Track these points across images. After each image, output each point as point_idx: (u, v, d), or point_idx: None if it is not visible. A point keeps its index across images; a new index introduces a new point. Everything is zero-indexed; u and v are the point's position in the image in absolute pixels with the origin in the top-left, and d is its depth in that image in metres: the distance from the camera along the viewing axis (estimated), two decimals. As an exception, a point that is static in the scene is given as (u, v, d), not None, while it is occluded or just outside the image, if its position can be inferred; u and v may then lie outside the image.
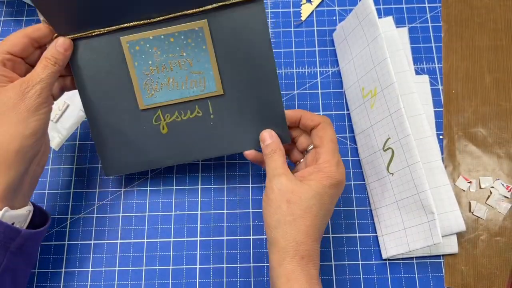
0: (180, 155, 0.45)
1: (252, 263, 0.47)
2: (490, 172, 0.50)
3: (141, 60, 0.41)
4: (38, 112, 0.37)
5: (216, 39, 0.40)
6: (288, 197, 0.37)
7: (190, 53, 0.40)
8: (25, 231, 0.37)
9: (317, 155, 0.40)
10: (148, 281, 0.47)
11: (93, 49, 0.40)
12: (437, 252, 0.47)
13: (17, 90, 0.36)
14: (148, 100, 0.42)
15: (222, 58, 0.41)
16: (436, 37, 0.55)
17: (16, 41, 0.38)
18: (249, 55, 0.41)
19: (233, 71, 0.41)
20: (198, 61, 0.41)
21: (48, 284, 0.47)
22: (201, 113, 0.43)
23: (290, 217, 0.36)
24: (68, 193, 0.50)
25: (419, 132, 0.47)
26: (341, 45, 0.53)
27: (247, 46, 0.40)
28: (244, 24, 0.40)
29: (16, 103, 0.36)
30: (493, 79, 0.53)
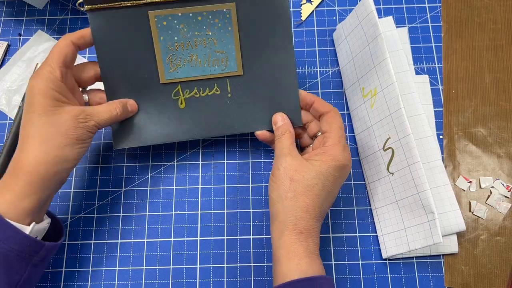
0: (195, 131, 0.46)
1: (252, 263, 0.47)
2: (490, 172, 0.50)
3: (167, 35, 0.42)
4: (84, 141, 0.39)
5: (241, 21, 0.42)
6: (291, 175, 0.39)
7: (216, 33, 0.42)
8: (48, 244, 0.38)
9: (324, 139, 0.42)
10: (148, 281, 0.47)
11: (118, 19, 0.41)
12: (437, 251, 0.47)
13: (74, 117, 0.38)
14: (169, 74, 0.43)
15: (244, 40, 0.43)
16: (436, 37, 0.55)
17: (67, 51, 0.39)
18: (270, 39, 0.43)
19: (254, 53, 0.43)
20: (222, 41, 0.42)
21: (48, 284, 0.47)
22: (219, 91, 0.45)
23: (291, 193, 0.38)
24: (68, 193, 0.50)
25: (419, 132, 0.47)
26: (341, 45, 0.53)
27: (269, 30, 0.42)
28: (268, 9, 0.42)
29: (69, 129, 0.38)
30: (493, 79, 0.53)
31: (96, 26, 0.41)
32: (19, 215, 0.35)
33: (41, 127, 0.37)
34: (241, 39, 0.43)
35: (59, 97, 0.38)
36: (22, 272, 0.36)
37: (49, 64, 0.38)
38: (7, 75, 0.55)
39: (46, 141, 0.37)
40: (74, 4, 0.58)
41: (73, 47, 0.40)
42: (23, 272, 0.36)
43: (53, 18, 0.58)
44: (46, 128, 0.37)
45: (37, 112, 0.37)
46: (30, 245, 0.36)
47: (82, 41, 0.41)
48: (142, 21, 0.41)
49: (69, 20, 0.57)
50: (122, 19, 0.41)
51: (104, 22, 0.41)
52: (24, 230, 0.35)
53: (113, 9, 0.40)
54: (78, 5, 0.40)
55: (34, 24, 0.58)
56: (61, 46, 0.39)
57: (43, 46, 0.56)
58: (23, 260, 0.36)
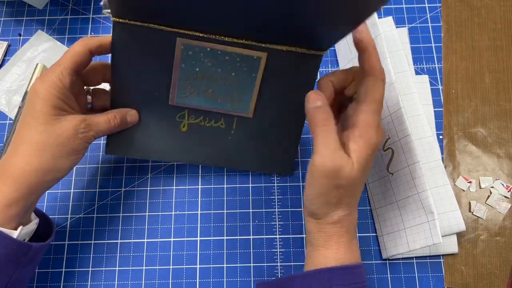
0: (190, 155, 0.46)
1: (252, 263, 0.47)
2: (490, 172, 0.50)
3: (189, 64, 0.41)
4: (79, 151, 0.39)
5: (267, 71, 0.41)
6: (337, 183, 0.34)
7: (239, 75, 0.41)
8: (36, 245, 0.38)
9: (356, 113, 0.35)
10: (148, 281, 0.47)
11: (143, 36, 0.39)
12: (437, 252, 0.47)
13: (74, 127, 0.37)
14: (181, 99, 0.43)
15: (264, 88, 0.42)
16: (436, 37, 0.55)
17: (83, 59, 0.38)
18: (288, 97, 0.43)
19: (268, 103, 0.43)
20: (243, 83, 0.42)
21: (48, 284, 0.47)
22: (223, 125, 0.45)
23: (336, 199, 0.35)
24: (68, 193, 0.50)
25: (419, 132, 0.47)
26: (341, 45, 0.53)
27: (290, 90, 0.42)
28: (297, 70, 0.41)
29: (67, 140, 0.37)
30: (493, 79, 0.53)
31: (118, 37, 0.39)
32: (5, 220, 0.35)
33: (39, 135, 0.36)
34: (261, 87, 0.42)
35: (62, 105, 0.37)
36: (10, 273, 0.36)
37: (60, 71, 0.37)
38: (7, 75, 0.55)
39: (41, 150, 0.36)
40: (74, 4, 0.58)
41: (90, 55, 0.39)
42: (11, 273, 0.36)
43: (53, 18, 0.58)
44: (44, 137, 0.36)
45: (37, 118, 0.36)
46: (17, 248, 0.35)
47: (100, 50, 0.39)
48: (167, 45, 0.40)
49: (69, 20, 0.57)
50: (147, 37, 0.39)
51: (128, 35, 0.39)
52: (11, 234, 0.35)
53: (138, 26, 0.39)
54: (103, 6, 0.38)
55: (34, 24, 0.58)
56: (77, 52, 0.38)
57: (43, 46, 0.56)
58: (11, 262, 0.35)
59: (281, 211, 0.49)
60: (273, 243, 0.48)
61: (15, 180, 0.35)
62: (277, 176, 0.51)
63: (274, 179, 0.51)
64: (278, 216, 0.49)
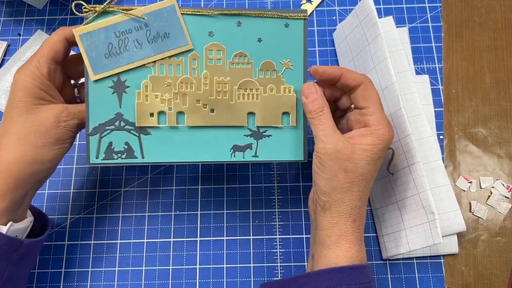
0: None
1: (252, 263, 0.47)
2: (491, 172, 0.50)
3: None
4: (64, 141, 0.38)
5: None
6: (345, 166, 0.36)
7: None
8: (27, 241, 0.37)
9: (364, 117, 0.38)
10: (148, 281, 0.47)
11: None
12: (437, 252, 0.47)
13: (56, 116, 0.37)
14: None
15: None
16: (436, 37, 0.55)
17: (59, 47, 0.38)
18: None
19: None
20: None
21: (48, 284, 0.47)
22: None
23: (346, 184, 0.36)
24: (68, 193, 0.50)
25: (419, 132, 0.47)
26: (341, 45, 0.53)
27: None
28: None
29: (49, 129, 0.36)
30: (494, 79, 0.53)
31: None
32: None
33: (20, 125, 0.36)
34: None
35: (43, 95, 0.37)
36: (2, 270, 0.36)
37: (37, 60, 0.37)
38: (7, 75, 0.55)
39: (23, 140, 0.36)
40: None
41: (66, 43, 0.38)
42: (2, 270, 0.36)
43: (53, 18, 0.58)
44: (25, 126, 0.36)
45: (17, 109, 0.36)
46: (7, 243, 0.35)
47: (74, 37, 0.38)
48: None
49: (69, 20, 0.57)
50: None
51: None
52: (0, 229, 0.35)
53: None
54: (74, 7, 0.38)
55: (33, 24, 0.57)
56: (53, 41, 0.38)
57: (43, 46, 0.56)
58: (1, 258, 0.35)
59: (281, 211, 0.49)
60: (273, 243, 0.48)
61: (0, 172, 0.35)
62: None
63: (274, 179, 0.51)
64: (278, 216, 0.49)
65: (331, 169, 0.36)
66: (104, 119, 0.38)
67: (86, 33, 0.38)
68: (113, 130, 0.39)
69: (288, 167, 0.51)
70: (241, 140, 0.40)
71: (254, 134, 0.40)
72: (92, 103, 0.38)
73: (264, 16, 0.39)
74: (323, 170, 0.36)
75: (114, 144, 0.39)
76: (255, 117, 0.40)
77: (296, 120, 0.40)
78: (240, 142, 0.40)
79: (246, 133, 0.40)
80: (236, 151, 0.40)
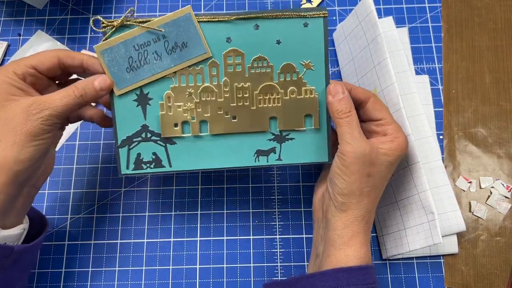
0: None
1: (252, 263, 0.47)
2: (490, 172, 0.50)
3: None
4: (38, 137, 0.34)
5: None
6: (368, 171, 0.36)
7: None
8: (18, 247, 0.36)
9: (381, 127, 0.39)
10: (148, 281, 0.47)
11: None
12: (437, 252, 0.47)
13: (24, 109, 0.34)
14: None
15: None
16: (436, 37, 0.55)
17: (45, 59, 0.36)
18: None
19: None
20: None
21: (48, 284, 0.47)
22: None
23: (367, 188, 0.37)
24: (68, 193, 0.50)
25: (419, 132, 0.47)
26: (341, 45, 0.53)
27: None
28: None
29: (19, 124, 0.33)
30: (493, 79, 0.53)
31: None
32: None
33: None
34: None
35: (14, 91, 0.35)
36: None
37: (17, 63, 0.36)
38: (7, 75, 0.54)
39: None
40: (74, 4, 0.58)
41: (56, 60, 0.37)
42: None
43: (53, 18, 0.58)
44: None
45: None
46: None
47: (70, 61, 0.37)
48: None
49: (69, 20, 0.57)
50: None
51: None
52: None
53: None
54: (92, 23, 0.38)
55: (33, 24, 0.58)
56: (45, 52, 0.37)
57: (43, 46, 0.56)
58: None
59: (281, 211, 0.49)
60: (273, 243, 0.48)
61: None
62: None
63: (274, 179, 0.51)
64: (278, 216, 0.49)
65: (356, 172, 0.36)
66: (131, 131, 0.39)
67: (107, 49, 0.38)
68: (141, 142, 0.40)
69: (288, 167, 0.51)
70: (265, 145, 0.40)
71: (277, 138, 0.40)
72: (119, 117, 0.39)
73: (282, 17, 0.38)
74: (346, 173, 0.36)
75: (142, 155, 0.40)
76: (277, 121, 0.40)
77: (319, 122, 0.40)
78: (263, 147, 0.40)
79: (269, 137, 0.40)
80: (260, 156, 0.40)
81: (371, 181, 0.37)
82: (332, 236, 0.37)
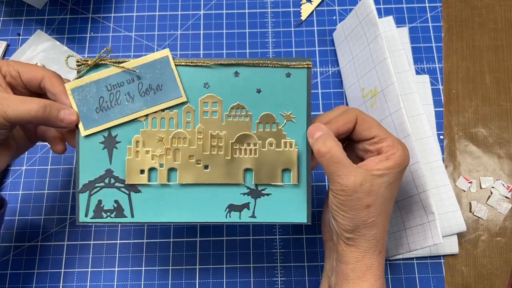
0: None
1: (251, 263, 0.47)
2: (491, 172, 0.50)
3: None
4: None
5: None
6: (367, 202, 0.34)
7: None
8: None
9: (375, 145, 0.36)
10: (148, 281, 0.47)
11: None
12: (438, 252, 0.47)
13: None
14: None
15: None
16: (436, 37, 0.55)
17: (31, 71, 0.36)
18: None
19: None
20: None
21: (48, 284, 0.47)
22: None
23: (371, 220, 0.34)
24: (67, 193, 0.50)
25: (420, 132, 0.47)
26: (341, 45, 0.53)
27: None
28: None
29: None
30: (494, 79, 0.53)
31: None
32: None
33: None
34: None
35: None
36: None
37: (8, 61, 0.36)
38: (6, 75, 0.54)
39: None
40: (73, 4, 0.58)
41: (39, 77, 0.36)
42: None
43: (52, 18, 0.57)
44: None
45: None
46: None
47: (51, 88, 0.36)
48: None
49: (68, 20, 0.57)
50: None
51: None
52: None
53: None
54: (66, 61, 0.36)
55: (33, 24, 0.57)
56: (33, 65, 0.36)
57: (42, 46, 0.56)
58: None
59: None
60: (273, 243, 0.48)
61: None
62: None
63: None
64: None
65: (353, 208, 0.34)
66: (94, 176, 0.37)
67: (78, 87, 0.36)
68: (103, 188, 0.37)
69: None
70: (238, 199, 0.37)
71: (252, 192, 0.37)
72: (83, 159, 0.37)
73: (264, 65, 0.37)
74: (343, 209, 0.35)
75: (103, 202, 0.37)
76: (253, 174, 0.37)
77: (298, 178, 0.37)
78: (236, 201, 0.37)
79: (243, 191, 0.37)
80: (232, 211, 0.37)
81: (373, 211, 0.34)
82: (345, 270, 0.36)
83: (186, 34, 0.56)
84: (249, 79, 0.37)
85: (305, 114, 0.37)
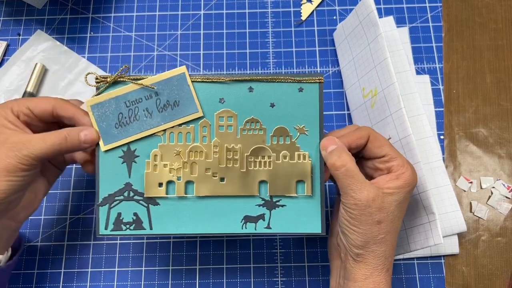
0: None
1: (252, 264, 0.47)
2: (491, 172, 0.50)
3: None
4: (13, 174, 0.34)
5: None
6: (378, 218, 0.35)
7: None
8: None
9: (385, 164, 0.37)
10: (148, 281, 0.47)
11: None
12: (438, 252, 0.47)
13: (9, 145, 0.34)
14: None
15: None
16: (436, 37, 0.55)
17: (40, 103, 0.37)
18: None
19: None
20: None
21: (48, 284, 0.47)
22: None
23: (381, 236, 0.35)
24: (68, 193, 0.50)
25: (420, 132, 0.47)
26: (342, 45, 0.53)
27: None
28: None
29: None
30: (494, 79, 0.53)
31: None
32: None
33: None
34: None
35: (12, 127, 0.36)
36: None
37: (16, 101, 0.37)
38: (6, 75, 0.54)
39: None
40: (73, 4, 0.58)
41: (50, 108, 0.37)
42: None
43: (52, 18, 0.57)
44: None
45: None
46: None
47: (64, 113, 0.37)
48: None
49: (69, 20, 0.57)
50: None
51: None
52: None
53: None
54: (86, 78, 0.38)
55: (33, 24, 0.57)
56: (42, 97, 0.37)
57: (42, 46, 0.56)
58: None
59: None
60: (273, 243, 0.48)
61: None
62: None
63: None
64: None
65: (365, 223, 0.35)
66: (113, 189, 0.38)
67: (97, 104, 0.37)
68: (122, 201, 0.38)
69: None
70: (253, 211, 0.38)
71: (266, 204, 0.38)
72: (102, 173, 0.38)
73: (277, 81, 0.38)
74: (354, 224, 0.35)
75: (123, 215, 0.38)
76: (267, 186, 0.38)
77: (312, 189, 0.38)
78: (251, 213, 0.38)
79: (258, 202, 0.38)
80: (248, 222, 0.38)
81: (383, 228, 0.35)
82: (350, 285, 0.36)
83: (186, 34, 0.56)
84: (262, 94, 0.38)
85: (318, 127, 0.38)
